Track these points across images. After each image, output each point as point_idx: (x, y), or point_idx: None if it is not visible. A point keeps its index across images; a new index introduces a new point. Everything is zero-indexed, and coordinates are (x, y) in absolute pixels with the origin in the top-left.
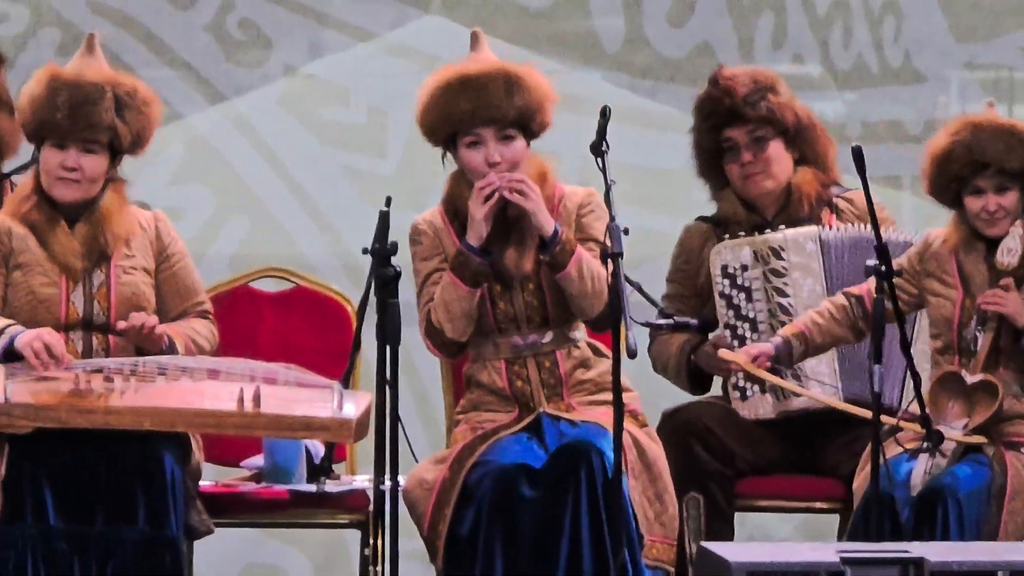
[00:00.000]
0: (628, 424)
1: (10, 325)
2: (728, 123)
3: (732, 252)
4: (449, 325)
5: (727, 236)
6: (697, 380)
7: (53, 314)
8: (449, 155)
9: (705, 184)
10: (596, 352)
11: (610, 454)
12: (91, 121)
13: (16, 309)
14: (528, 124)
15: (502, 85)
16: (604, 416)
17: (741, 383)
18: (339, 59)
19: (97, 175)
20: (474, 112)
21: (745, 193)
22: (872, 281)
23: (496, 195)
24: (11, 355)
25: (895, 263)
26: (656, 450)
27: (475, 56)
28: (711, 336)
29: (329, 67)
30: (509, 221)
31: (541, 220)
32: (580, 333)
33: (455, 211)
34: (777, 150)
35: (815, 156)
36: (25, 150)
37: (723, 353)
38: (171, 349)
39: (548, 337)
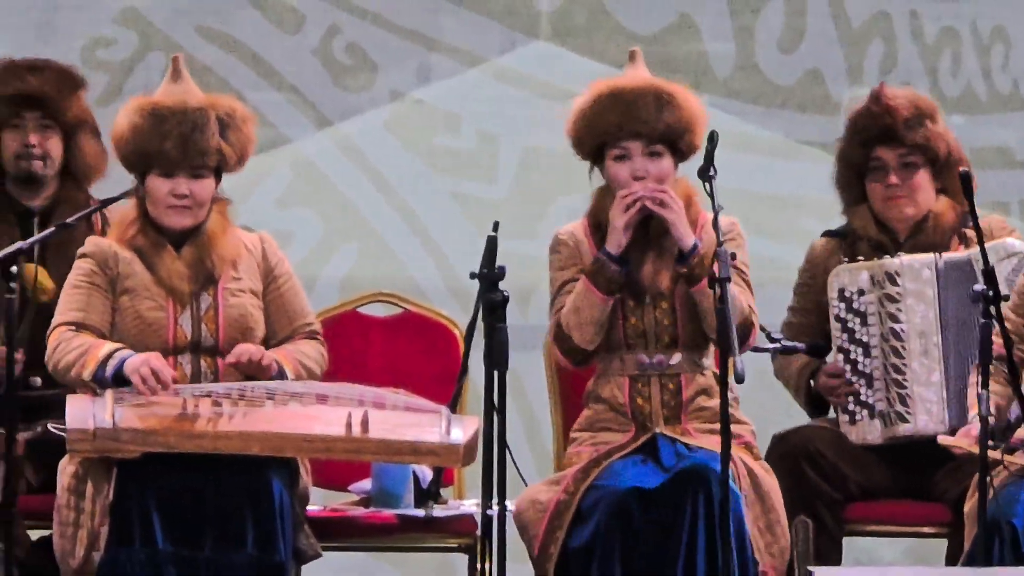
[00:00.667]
0: (743, 453)
1: (119, 349)
2: (882, 142)
3: (850, 276)
4: (578, 332)
5: (853, 251)
6: (816, 404)
7: (161, 337)
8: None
9: (839, 194)
10: (719, 382)
11: (729, 483)
12: (200, 148)
13: (124, 333)
14: (676, 142)
15: (652, 101)
16: (719, 446)
17: (851, 407)
18: (448, 84)
19: (207, 199)
20: (622, 125)
21: (883, 214)
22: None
23: (638, 204)
24: (121, 379)
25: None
26: (770, 482)
27: (631, 72)
28: (827, 362)
29: (438, 92)
30: (650, 235)
31: (681, 231)
32: (708, 361)
33: (598, 224)
34: (924, 179)
35: (955, 191)
36: (114, 173)
37: (943, 440)
38: (280, 375)
39: (675, 359)
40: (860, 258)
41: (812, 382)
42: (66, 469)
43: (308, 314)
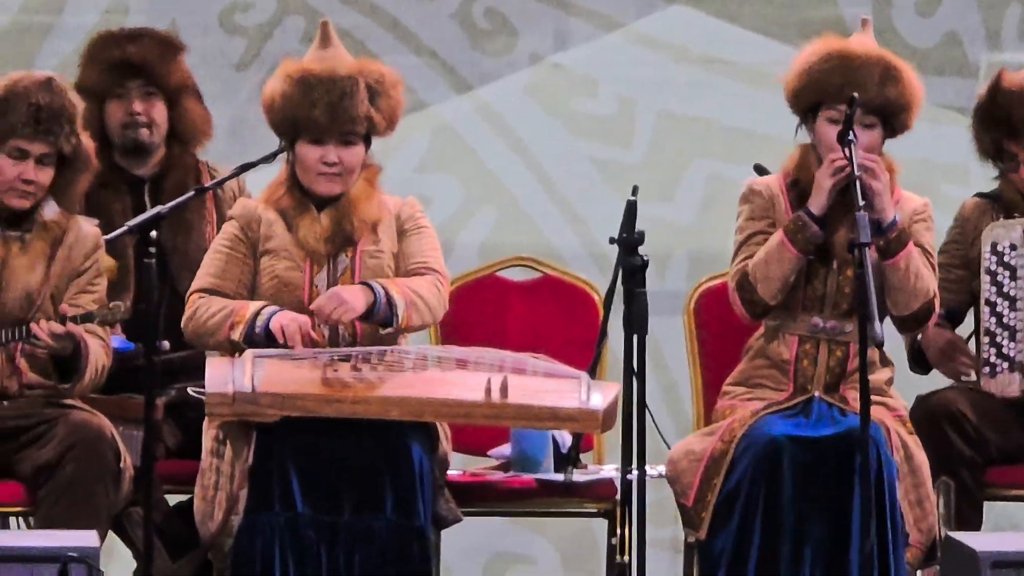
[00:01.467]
0: (897, 426)
1: (265, 306)
2: (1008, 136)
3: (1005, 231)
4: (763, 285)
5: (1007, 211)
6: (918, 359)
7: (296, 297)
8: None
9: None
10: (883, 360)
11: (884, 450)
12: (350, 115)
13: (262, 293)
14: (891, 118)
15: (879, 72)
16: (875, 415)
17: (992, 359)
18: (585, 49)
19: (357, 165)
20: (843, 88)
21: None
22: None
23: (846, 169)
24: (272, 336)
25: None
26: (921, 457)
27: (859, 39)
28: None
29: (576, 57)
30: (848, 202)
31: (884, 203)
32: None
33: (795, 181)
34: None
35: None
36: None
37: None
38: (389, 301)
39: (850, 327)
40: (1016, 214)
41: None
42: (208, 431)
43: (427, 257)
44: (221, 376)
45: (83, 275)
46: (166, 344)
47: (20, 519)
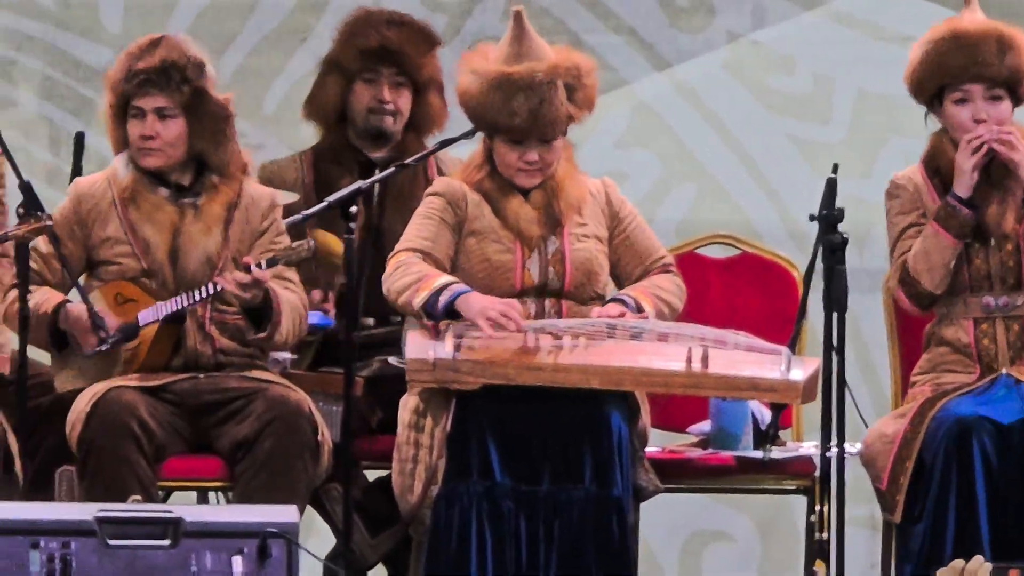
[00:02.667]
0: None
1: (455, 282)
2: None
3: None
4: (927, 275)
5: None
6: None
7: (508, 281)
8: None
9: None
10: None
11: None
12: (549, 120)
13: (470, 276)
14: (1017, 87)
15: (995, 44)
16: None
17: None
18: (783, 27)
19: (556, 159)
20: (965, 67)
21: None
22: None
23: (984, 147)
24: (452, 312)
25: None
26: None
27: (968, 15)
28: None
29: (773, 34)
30: (992, 178)
31: None
32: None
33: (935, 169)
34: None
35: None
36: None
37: None
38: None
39: (1021, 300)
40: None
41: None
42: (407, 404)
43: (658, 249)
44: (422, 343)
45: (264, 235)
46: (370, 320)
47: (219, 494)
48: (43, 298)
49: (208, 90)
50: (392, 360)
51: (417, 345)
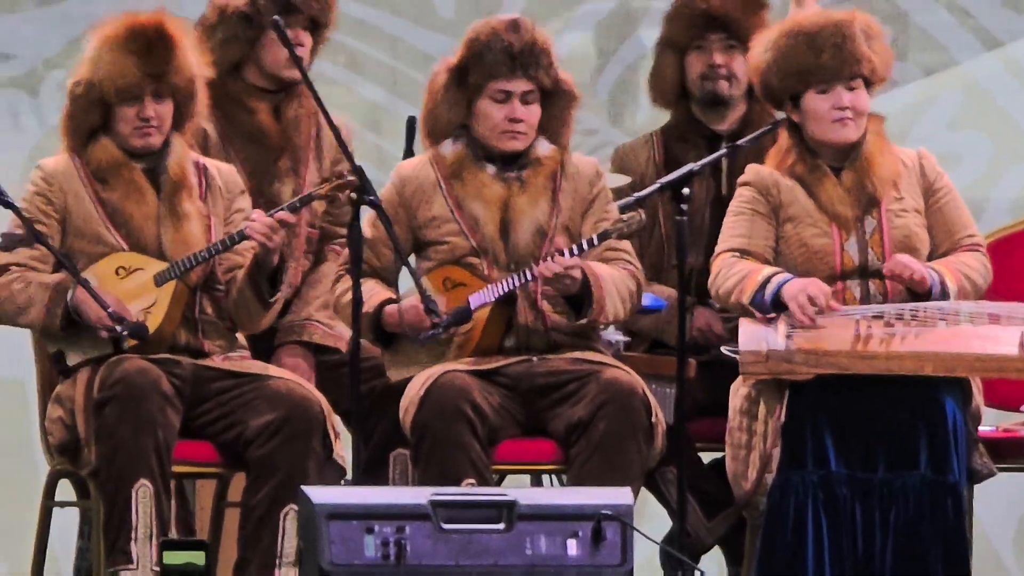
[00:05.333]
0: None
1: (777, 273)
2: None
3: None
4: None
5: None
6: None
7: (828, 264)
8: None
9: None
10: None
11: None
12: (855, 56)
13: (789, 261)
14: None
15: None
16: None
17: None
18: None
19: (866, 110)
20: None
21: None
22: None
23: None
24: (780, 304)
25: None
26: None
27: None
28: None
29: None
30: None
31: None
32: None
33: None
34: None
35: None
36: None
37: None
38: (943, 289)
39: None
40: None
41: None
42: (738, 391)
43: (969, 226)
44: (755, 335)
45: (594, 202)
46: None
47: (553, 477)
48: (368, 295)
49: (561, 75)
50: (725, 349)
51: (750, 337)
